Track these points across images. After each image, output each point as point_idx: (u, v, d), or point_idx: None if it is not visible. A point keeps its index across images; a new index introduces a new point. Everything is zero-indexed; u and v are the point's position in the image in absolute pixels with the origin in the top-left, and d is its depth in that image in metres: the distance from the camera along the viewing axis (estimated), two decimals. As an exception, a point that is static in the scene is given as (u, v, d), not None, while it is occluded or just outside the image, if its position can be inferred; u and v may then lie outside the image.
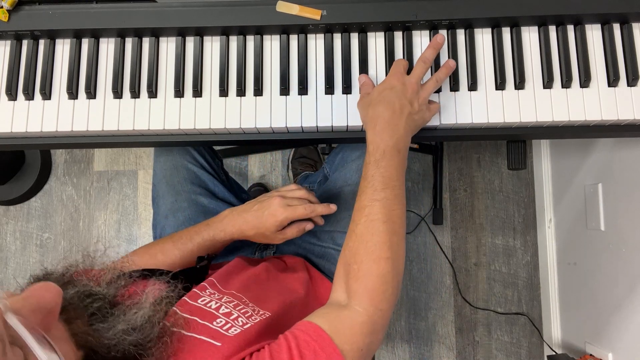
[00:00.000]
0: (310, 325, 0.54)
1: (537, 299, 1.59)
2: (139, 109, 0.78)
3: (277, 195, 0.76)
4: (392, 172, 0.65)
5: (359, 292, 0.59)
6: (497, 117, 0.76)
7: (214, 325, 0.53)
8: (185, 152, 0.95)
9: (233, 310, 0.57)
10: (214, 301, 0.59)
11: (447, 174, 1.65)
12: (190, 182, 0.93)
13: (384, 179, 0.64)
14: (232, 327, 0.54)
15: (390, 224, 0.62)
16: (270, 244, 0.95)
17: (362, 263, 0.61)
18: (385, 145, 0.65)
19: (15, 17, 0.77)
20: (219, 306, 0.58)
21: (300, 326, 0.54)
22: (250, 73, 0.78)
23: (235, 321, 0.55)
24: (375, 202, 0.63)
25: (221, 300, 0.60)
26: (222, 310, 0.57)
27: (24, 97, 0.78)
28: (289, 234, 0.76)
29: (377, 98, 0.69)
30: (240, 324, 0.55)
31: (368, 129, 0.68)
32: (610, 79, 0.76)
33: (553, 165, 1.53)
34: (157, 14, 0.77)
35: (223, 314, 0.56)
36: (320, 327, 0.53)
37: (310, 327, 0.53)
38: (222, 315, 0.56)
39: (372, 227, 0.62)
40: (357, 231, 0.63)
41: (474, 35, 0.78)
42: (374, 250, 0.61)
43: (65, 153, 1.70)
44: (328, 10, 0.76)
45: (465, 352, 1.59)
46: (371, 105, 0.69)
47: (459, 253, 1.62)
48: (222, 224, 0.77)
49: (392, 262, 0.61)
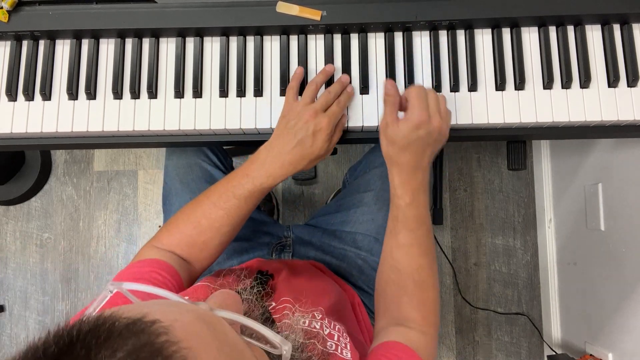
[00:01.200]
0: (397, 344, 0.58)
1: (537, 299, 1.59)
2: (139, 109, 0.78)
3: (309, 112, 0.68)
4: (423, 211, 0.67)
5: (416, 318, 0.64)
6: (497, 117, 0.76)
7: (329, 349, 0.54)
8: (199, 150, 0.94)
9: (332, 331, 0.58)
10: (313, 321, 0.58)
11: (447, 174, 1.65)
12: (205, 180, 0.92)
13: (417, 219, 0.66)
14: (343, 349, 0.55)
15: (429, 256, 0.67)
16: (287, 245, 0.95)
17: (414, 295, 0.65)
18: (413, 188, 0.66)
19: (15, 17, 0.77)
20: (320, 326, 0.57)
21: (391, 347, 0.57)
22: (250, 74, 0.78)
23: (339, 342, 0.56)
24: (414, 241, 0.66)
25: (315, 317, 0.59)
26: (325, 331, 0.57)
27: (24, 97, 0.78)
28: (336, 139, 0.72)
29: (402, 141, 0.64)
30: (343, 345, 0.56)
31: (394, 172, 0.66)
32: (610, 80, 0.76)
33: (553, 165, 1.53)
34: (157, 14, 0.77)
35: (327, 335, 0.56)
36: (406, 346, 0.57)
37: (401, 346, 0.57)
38: (328, 338, 0.56)
39: (415, 263, 0.66)
40: (400, 267, 0.66)
41: (474, 35, 0.78)
42: (421, 283, 0.66)
43: (65, 153, 1.70)
44: (328, 10, 0.76)
45: (465, 352, 1.59)
46: (396, 148, 0.65)
47: (459, 253, 1.62)
48: (266, 169, 0.69)
49: (436, 287, 0.67)
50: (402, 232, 0.66)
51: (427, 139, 0.64)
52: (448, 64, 0.77)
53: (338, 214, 0.95)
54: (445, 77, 0.77)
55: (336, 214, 0.95)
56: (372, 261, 0.88)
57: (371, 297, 0.86)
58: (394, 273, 0.67)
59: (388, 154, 0.67)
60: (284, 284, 0.70)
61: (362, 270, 0.89)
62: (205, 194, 0.72)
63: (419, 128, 0.63)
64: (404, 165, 0.65)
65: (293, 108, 0.70)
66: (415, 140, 0.63)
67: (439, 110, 0.65)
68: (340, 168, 1.66)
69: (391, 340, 0.59)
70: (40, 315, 1.66)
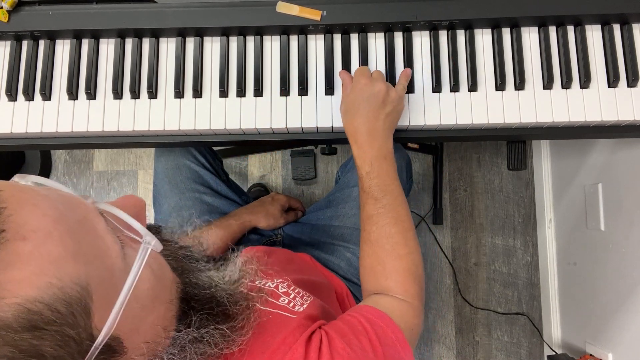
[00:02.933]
0: (367, 306, 0.58)
1: (537, 299, 1.59)
2: (139, 109, 0.78)
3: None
4: (386, 178, 0.68)
5: (391, 286, 0.64)
6: (497, 117, 0.76)
7: (280, 302, 0.56)
8: (187, 151, 0.96)
9: (289, 290, 0.60)
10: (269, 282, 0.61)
11: (447, 174, 1.65)
12: (194, 181, 0.95)
13: (380, 187, 0.67)
14: (295, 305, 0.56)
15: (399, 224, 0.67)
16: (277, 242, 0.99)
17: (386, 263, 0.66)
18: (371, 156, 0.68)
19: (15, 17, 0.77)
20: (276, 286, 0.60)
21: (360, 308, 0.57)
22: (250, 74, 0.78)
23: (294, 300, 0.58)
24: (380, 210, 0.67)
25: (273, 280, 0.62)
26: (280, 289, 0.60)
27: (24, 97, 0.78)
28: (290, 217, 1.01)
29: (351, 108, 0.70)
30: (299, 303, 0.57)
31: (351, 143, 0.71)
32: (610, 80, 0.76)
33: (553, 165, 1.53)
34: (157, 14, 0.77)
35: (283, 292, 0.59)
36: (376, 308, 0.57)
37: (369, 308, 0.57)
38: (283, 294, 0.58)
39: (384, 232, 0.66)
40: (371, 239, 0.67)
41: (474, 35, 0.78)
42: (392, 250, 0.66)
43: (65, 153, 1.70)
44: (328, 10, 0.76)
45: (465, 352, 1.59)
46: (347, 115, 0.71)
47: (459, 253, 1.62)
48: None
49: (411, 255, 0.66)
50: (368, 202, 0.68)
51: (374, 100, 0.68)
52: (448, 64, 0.77)
53: (327, 210, 0.98)
54: (445, 77, 0.77)
55: (326, 209, 0.98)
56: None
57: (360, 288, 0.87)
58: (367, 245, 0.68)
59: (345, 126, 0.72)
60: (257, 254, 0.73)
61: (351, 263, 0.91)
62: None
63: (362, 91, 0.69)
64: (359, 134, 0.68)
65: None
66: (362, 103, 0.69)
67: (384, 80, 0.71)
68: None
69: (362, 304, 0.60)
70: (40, 315, 1.66)
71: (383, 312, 0.56)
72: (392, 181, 0.68)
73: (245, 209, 0.97)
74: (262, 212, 0.97)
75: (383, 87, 0.69)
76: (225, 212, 0.96)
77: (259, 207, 0.98)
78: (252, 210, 0.96)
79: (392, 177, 0.69)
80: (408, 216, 0.69)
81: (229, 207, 0.98)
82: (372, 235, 0.67)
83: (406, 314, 0.61)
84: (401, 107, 0.73)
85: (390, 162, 0.69)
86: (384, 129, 0.69)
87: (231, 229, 0.90)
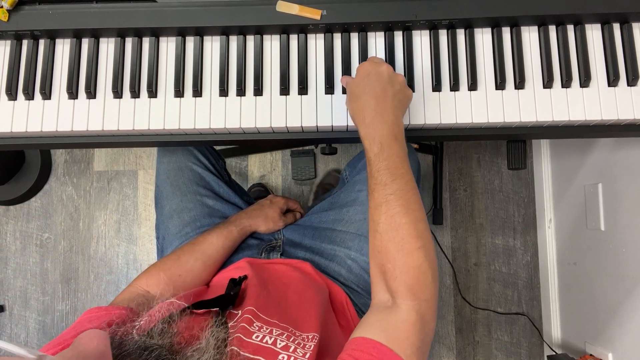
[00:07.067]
0: (366, 341, 0.52)
1: (537, 299, 1.59)
2: (139, 108, 0.78)
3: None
4: (396, 160, 0.63)
5: (401, 290, 0.58)
6: (497, 117, 0.76)
7: None
8: (189, 153, 0.95)
9: (288, 343, 0.56)
10: (267, 336, 0.57)
11: (447, 174, 1.65)
12: (196, 183, 0.94)
13: (389, 170, 0.62)
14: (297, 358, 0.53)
15: (411, 213, 0.61)
16: (277, 247, 0.95)
17: (396, 260, 0.59)
18: (380, 135, 0.63)
19: (15, 17, 0.77)
20: (274, 341, 0.56)
21: (358, 345, 0.52)
22: (250, 73, 0.78)
23: (295, 353, 0.53)
24: (390, 197, 0.61)
25: (272, 333, 0.58)
26: (279, 344, 0.55)
27: (24, 97, 0.78)
28: (289, 219, 1.00)
29: (357, 89, 0.67)
30: (300, 355, 0.53)
31: (358, 124, 0.66)
32: (610, 79, 0.76)
33: (553, 165, 1.53)
34: (157, 13, 0.77)
35: (281, 348, 0.54)
36: (377, 342, 0.51)
37: (369, 344, 0.51)
38: (282, 350, 0.54)
39: (394, 222, 0.60)
40: (380, 230, 0.61)
41: (474, 35, 0.78)
42: (403, 244, 0.59)
43: (65, 153, 1.70)
44: (328, 10, 0.76)
45: (465, 352, 1.59)
46: (354, 98, 0.68)
47: (459, 253, 1.62)
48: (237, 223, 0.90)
49: (424, 249, 0.60)
50: (377, 188, 0.63)
51: (380, 78, 0.67)
52: (448, 63, 0.77)
53: (331, 212, 0.94)
54: (445, 76, 0.77)
55: (329, 211, 0.94)
56: (362, 261, 0.87)
57: (360, 296, 0.86)
58: (376, 238, 0.62)
59: (351, 108, 0.69)
60: (254, 289, 0.68)
61: (351, 270, 0.88)
62: (184, 247, 0.86)
63: (368, 73, 0.68)
64: (367, 110, 0.65)
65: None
66: (369, 84, 0.67)
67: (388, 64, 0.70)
68: (340, 168, 1.66)
69: (360, 338, 0.53)
70: (40, 315, 1.66)
71: (383, 345, 0.51)
72: (403, 164, 0.63)
73: (244, 213, 0.95)
74: (261, 216, 0.95)
75: (389, 68, 0.68)
76: (226, 215, 0.95)
77: (258, 211, 0.96)
78: (251, 215, 0.94)
79: (402, 160, 0.63)
80: (419, 204, 0.63)
81: (230, 210, 0.96)
82: (380, 226, 0.61)
83: (413, 332, 0.55)
84: (410, 93, 0.70)
85: (401, 143, 0.64)
86: (393, 107, 0.65)
87: (232, 237, 0.88)
